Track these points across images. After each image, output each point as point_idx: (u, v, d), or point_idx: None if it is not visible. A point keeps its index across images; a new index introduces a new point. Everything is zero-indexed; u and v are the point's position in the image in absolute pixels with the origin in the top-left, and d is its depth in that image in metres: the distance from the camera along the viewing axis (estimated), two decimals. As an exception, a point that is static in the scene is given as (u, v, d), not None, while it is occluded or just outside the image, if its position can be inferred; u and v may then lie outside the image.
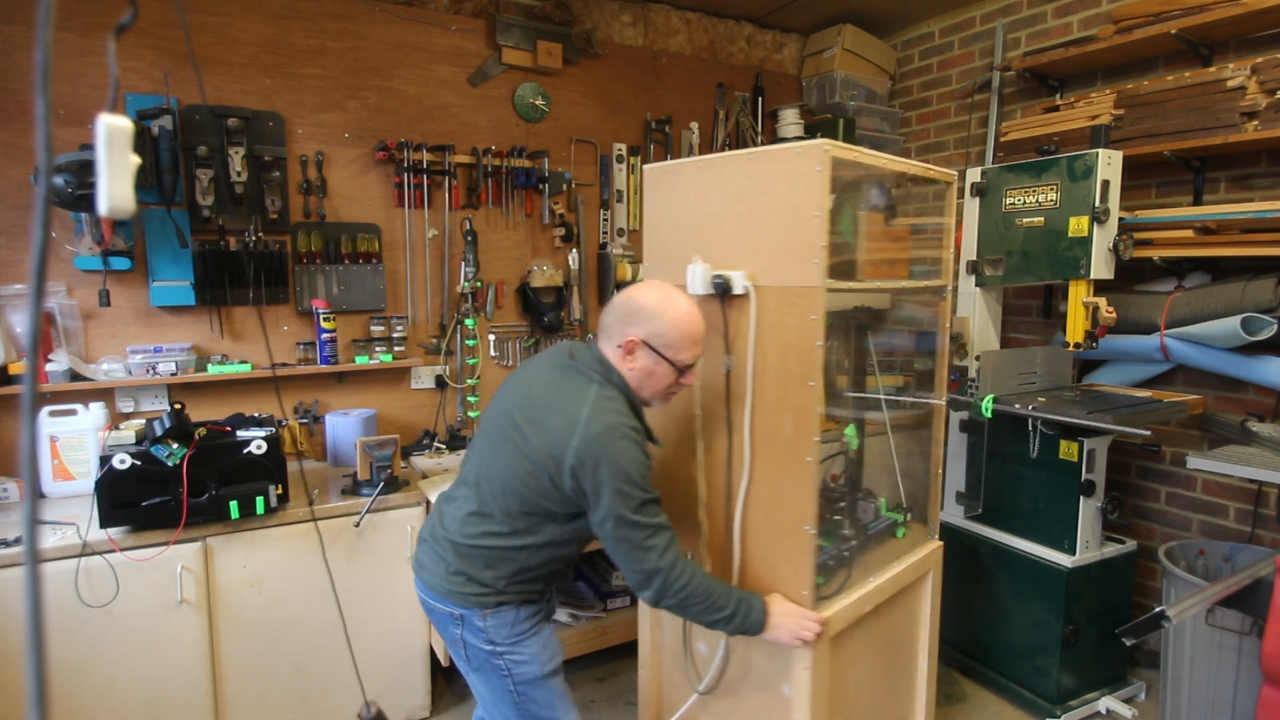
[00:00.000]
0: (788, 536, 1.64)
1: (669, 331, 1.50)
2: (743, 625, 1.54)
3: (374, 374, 2.97)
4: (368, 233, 2.90)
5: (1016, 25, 3.30)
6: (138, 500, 2.02)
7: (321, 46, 2.79)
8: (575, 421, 1.43)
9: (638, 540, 1.43)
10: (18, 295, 2.36)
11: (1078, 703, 2.55)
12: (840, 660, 1.73)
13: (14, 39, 2.34)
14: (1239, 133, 2.36)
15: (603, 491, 1.41)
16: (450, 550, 1.56)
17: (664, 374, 1.53)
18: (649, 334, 1.50)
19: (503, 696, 1.60)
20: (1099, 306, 2.35)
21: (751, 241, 1.65)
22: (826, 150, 1.49)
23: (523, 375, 1.63)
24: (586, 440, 1.41)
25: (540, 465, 1.45)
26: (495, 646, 1.56)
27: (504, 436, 1.53)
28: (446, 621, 1.60)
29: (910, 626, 2.04)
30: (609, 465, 1.40)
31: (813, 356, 1.55)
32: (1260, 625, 1.84)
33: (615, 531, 1.43)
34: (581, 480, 1.42)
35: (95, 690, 2.02)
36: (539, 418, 1.48)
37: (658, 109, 3.52)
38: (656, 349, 1.50)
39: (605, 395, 1.48)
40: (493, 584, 1.53)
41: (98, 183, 0.65)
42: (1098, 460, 2.47)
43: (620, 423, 1.45)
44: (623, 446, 1.42)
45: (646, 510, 1.44)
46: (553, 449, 1.44)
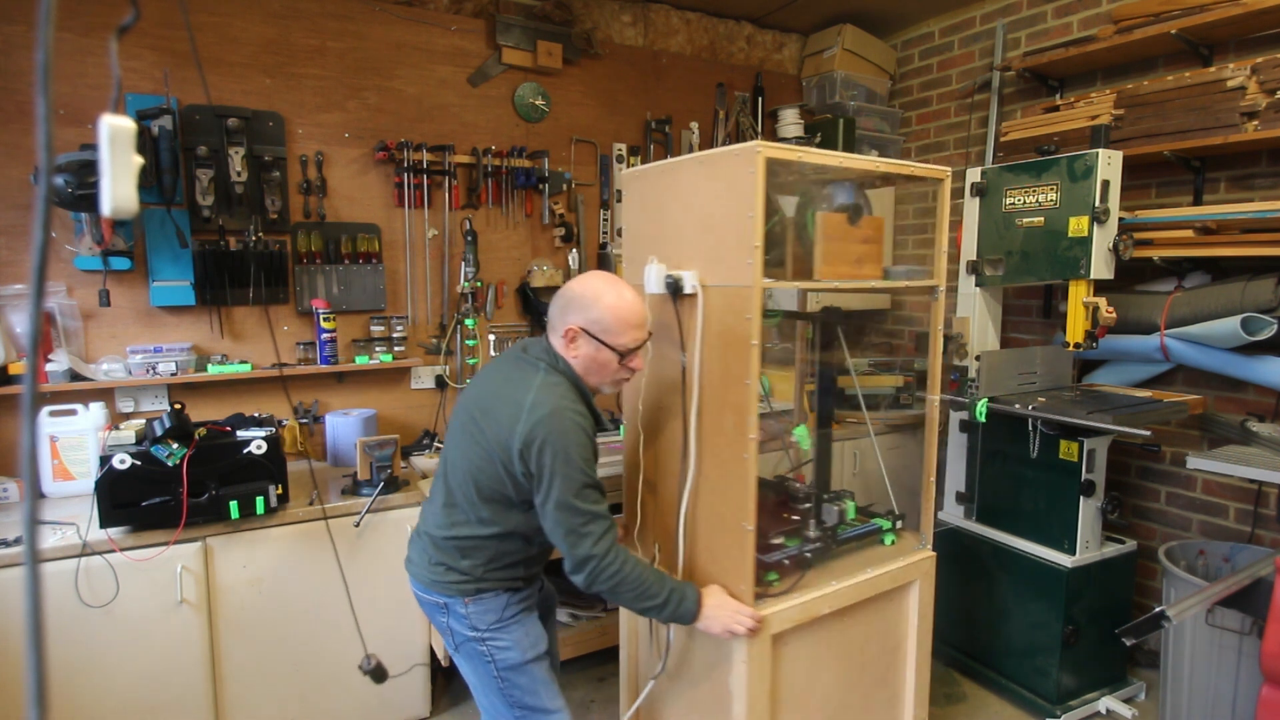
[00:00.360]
0: (728, 532, 1.70)
1: (605, 317, 1.55)
2: (675, 614, 1.59)
3: (374, 374, 2.97)
4: (368, 233, 2.90)
5: (1016, 25, 3.30)
6: (138, 500, 2.02)
7: (321, 46, 2.79)
8: (521, 407, 1.49)
9: (575, 525, 1.48)
10: (18, 295, 2.36)
11: (1078, 703, 2.55)
12: (786, 659, 1.77)
13: (14, 39, 2.34)
14: (1239, 133, 2.36)
15: (545, 474, 1.46)
16: (430, 543, 1.65)
17: (607, 360, 1.57)
18: (586, 321, 1.56)
19: (488, 682, 1.66)
20: (1099, 306, 2.35)
21: (701, 243, 1.72)
22: (759, 151, 1.53)
23: (483, 372, 1.71)
24: (531, 424, 1.46)
25: (493, 453, 1.52)
26: (478, 632, 1.62)
27: (464, 430, 1.60)
28: (434, 611, 1.67)
29: (892, 637, 2.01)
30: (552, 448, 1.45)
31: (749, 355, 1.59)
32: (1260, 625, 1.84)
33: (555, 514, 1.48)
34: (528, 463, 1.47)
35: (95, 690, 2.02)
36: (490, 408, 1.55)
37: (658, 109, 3.52)
38: (595, 335, 1.56)
39: (550, 381, 1.54)
40: (470, 572, 1.60)
41: (101, 183, 0.65)
42: (1098, 460, 2.47)
43: (564, 406, 1.50)
44: (566, 429, 1.46)
45: (586, 495, 1.48)
46: (501, 436, 1.50)
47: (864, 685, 1.96)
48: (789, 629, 1.73)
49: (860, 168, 1.82)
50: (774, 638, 1.70)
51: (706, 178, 1.69)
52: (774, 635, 1.70)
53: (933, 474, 2.01)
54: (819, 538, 1.91)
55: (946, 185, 1.93)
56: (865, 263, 1.86)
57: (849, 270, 1.84)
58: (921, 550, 2.02)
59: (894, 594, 1.97)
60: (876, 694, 2.00)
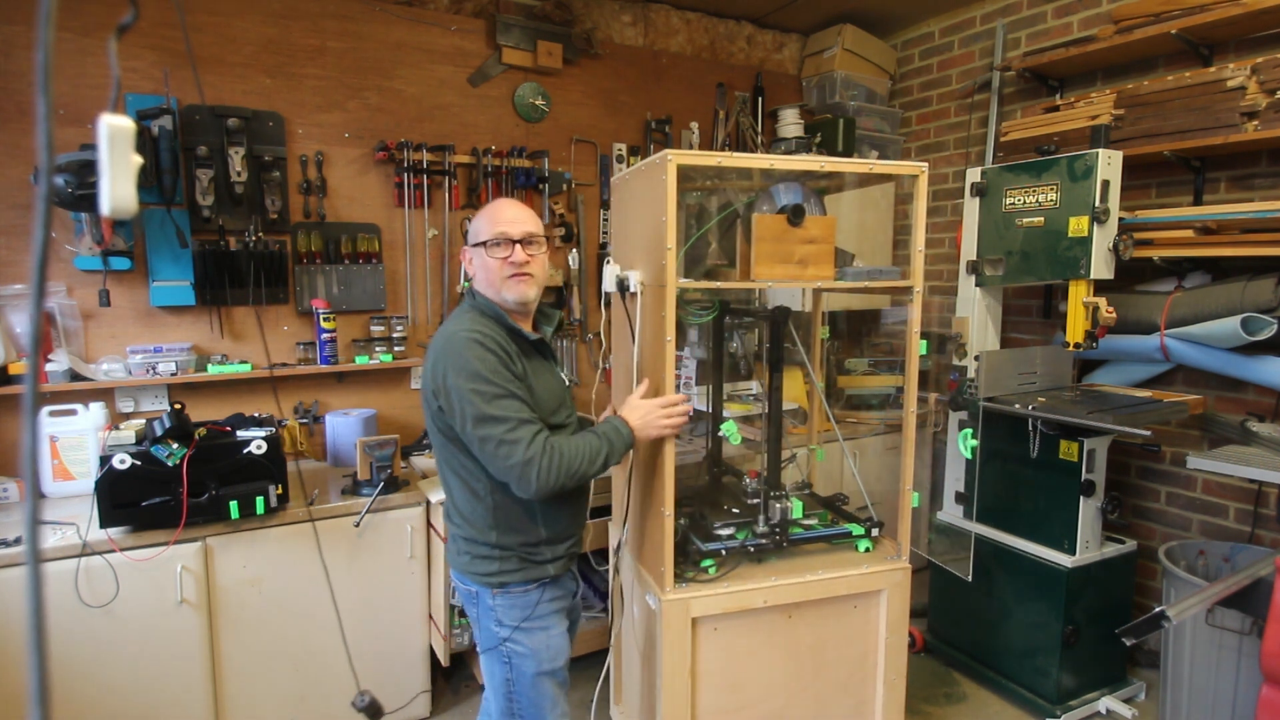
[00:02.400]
0: (654, 516, 1.82)
1: (477, 224, 1.63)
2: (622, 449, 1.63)
3: (374, 374, 2.97)
4: (368, 233, 2.90)
5: (1016, 25, 3.30)
6: (138, 500, 2.02)
7: (321, 46, 2.79)
8: (432, 346, 1.56)
9: (500, 435, 1.45)
10: (18, 295, 2.36)
11: (1078, 703, 2.55)
12: (714, 645, 1.86)
13: (14, 39, 2.34)
14: (1239, 133, 2.36)
15: (454, 396, 1.46)
16: (452, 527, 1.67)
17: (493, 260, 1.58)
18: (470, 239, 1.64)
19: (498, 685, 1.65)
20: (1099, 306, 2.34)
21: (643, 245, 1.88)
22: (670, 159, 1.68)
23: None
24: (434, 358, 1.51)
25: (428, 402, 1.56)
26: (501, 629, 1.61)
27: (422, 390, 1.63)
28: (468, 600, 1.69)
29: (857, 645, 1.99)
30: (454, 368, 1.47)
31: (664, 350, 1.72)
32: (1260, 625, 1.84)
33: (477, 431, 1.46)
34: (439, 395, 1.50)
35: (95, 690, 2.02)
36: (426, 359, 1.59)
37: (658, 109, 3.52)
38: (473, 245, 1.63)
39: (458, 316, 1.59)
40: (485, 540, 1.60)
41: (100, 183, 0.65)
42: (1098, 460, 2.47)
43: (460, 330, 1.51)
44: (461, 348, 1.48)
45: (502, 404, 1.46)
46: (426, 383, 1.55)
47: (819, 688, 1.97)
48: (715, 615, 1.82)
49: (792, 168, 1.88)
50: (694, 620, 1.80)
51: (644, 185, 1.85)
52: (694, 619, 1.80)
53: (909, 484, 1.98)
54: (766, 533, 1.93)
55: (922, 181, 1.90)
56: (811, 263, 1.88)
57: (790, 271, 1.87)
58: (893, 561, 1.98)
59: (857, 601, 1.95)
60: (837, 699, 1.99)
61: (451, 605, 2.47)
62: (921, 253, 1.92)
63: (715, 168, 1.86)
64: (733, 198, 2.04)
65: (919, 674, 2.81)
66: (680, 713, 1.82)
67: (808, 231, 1.86)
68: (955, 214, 3.62)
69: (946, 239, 3.68)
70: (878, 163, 1.90)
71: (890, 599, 1.98)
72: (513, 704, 1.64)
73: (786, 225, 1.84)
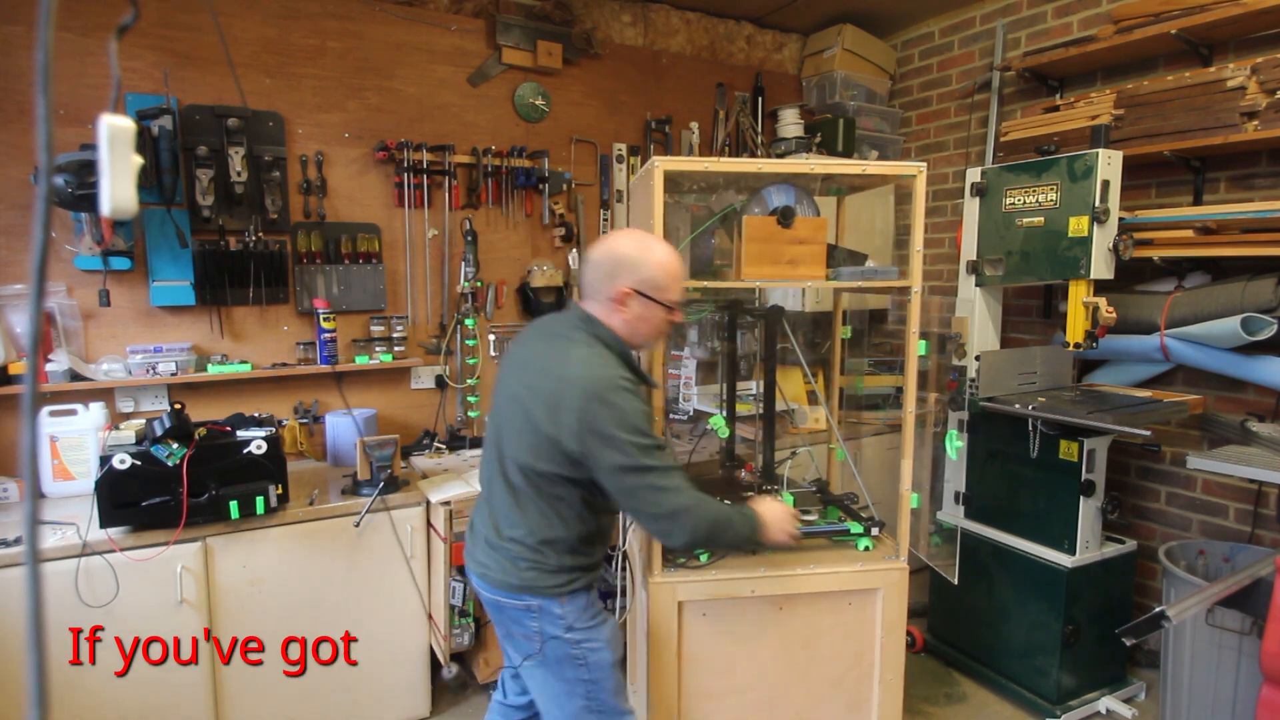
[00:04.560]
0: None
1: (656, 274, 1.55)
2: (751, 537, 1.64)
3: (374, 374, 2.97)
4: (368, 233, 2.90)
5: (1016, 25, 3.30)
6: (138, 500, 2.02)
7: (321, 46, 2.79)
8: (568, 383, 1.47)
9: (653, 483, 1.46)
10: (18, 295, 2.36)
11: (1078, 703, 2.55)
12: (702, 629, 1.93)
13: (14, 39, 2.34)
14: (1239, 133, 2.36)
15: (608, 445, 1.44)
16: (514, 545, 1.58)
17: (656, 316, 1.58)
18: (638, 281, 1.54)
19: (573, 687, 1.61)
20: (1099, 306, 2.34)
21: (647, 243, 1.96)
22: (657, 166, 1.76)
23: (514, 357, 1.68)
24: (583, 400, 1.44)
25: (546, 435, 1.48)
26: (573, 633, 1.58)
27: (511, 420, 1.57)
28: (522, 616, 1.60)
29: (852, 642, 2.01)
30: (609, 419, 1.43)
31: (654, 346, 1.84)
32: (1260, 625, 1.85)
33: (628, 481, 1.46)
34: (585, 440, 1.44)
35: (95, 690, 2.02)
36: (536, 389, 1.52)
37: (658, 109, 3.52)
38: (647, 294, 1.55)
39: (593, 353, 1.52)
40: (560, 563, 1.57)
41: (100, 183, 0.65)
42: (1098, 460, 2.47)
43: (611, 375, 1.48)
44: (618, 398, 1.45)
45: (657, 455, 1.47)
46: (551, 415, 1.47)
47: (811, 682, 2.00)
48: (702, 600, 1.91)
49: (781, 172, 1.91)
50: (680, 604, 1.89)
51: (642, 190, 1.92)
52: (680, 602, 1.89)
53: (908, 484, 1.99)
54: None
55: (920, 181, 1.90)
56: (802, 264, 1.90)
57: (781, 271, 1.90)
58: (890, 561, 1.99)
59: (852, 598, 1.98)
60: (830, 694, 2.02)
61: (451, 605, 2.47)
62: (920, 252, 1.92)
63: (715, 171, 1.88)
64: (734, 198, 2.06)
65: (919, 674, 2.81)
66: (667, 690, 1.91)
67: (797, 232, 1.88)
68: (955, 214, 3.62)
69: (946, 239, 3.68)
70: (871, 164, 1.92)
71: (887, 598, 1.98)
72: (592, 701, 1.61)
73: (776, 226, 1.87)
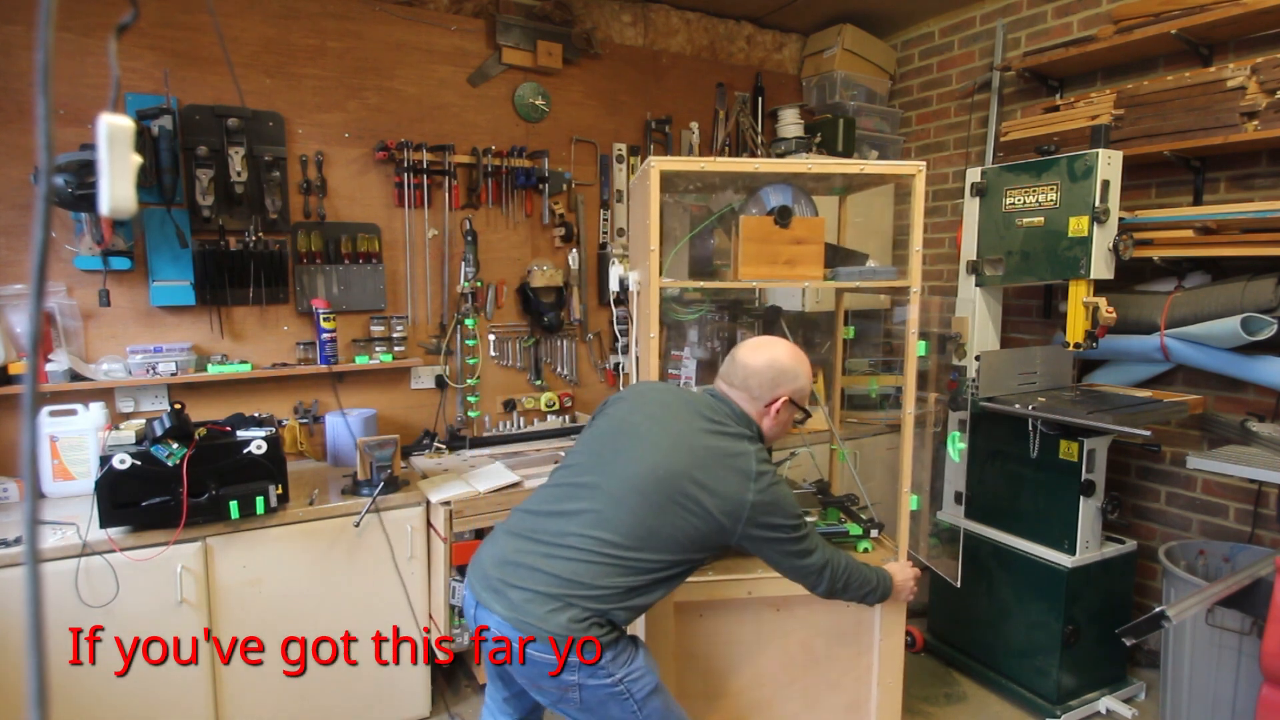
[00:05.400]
0: None
1: (806, 387, 1.75)
2: (883, 594, 1.82)
3: (374, 374, 2.97)
4: (368, 233, 2.90)
5: (1016, 25, 3.30)
6: (138, 500, 2.02)
7: (321, 46, 2.79)
8: (748, 477, 1.60)
9: (805, 549, 1.66)
10: (18, 295, 2.36)
11: (1078, 703, 2.55)
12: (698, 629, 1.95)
13: (14, 39, 2.34)
14: (1239, 133, 2.36)
15: (776, 531, 1.62)
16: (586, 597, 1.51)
17: (789, 420, 1.76)
18: (794, 391, 1.73)
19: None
20: (1099, 306, 2.35)
21: (641, 246, 1.97)
22: (653, 165, 1.80)
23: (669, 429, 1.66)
24: (759, 493, 1.59)
25: (715, 523, 1.58)
26: (614, 675, 1.53)
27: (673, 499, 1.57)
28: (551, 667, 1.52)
29: (849, 645, 2.01)
30: (779, 511, 1.61)
31: (649, 345, 1.90)
32: (1260, 625, 1.85)
33: (790, 551, 1.65)
34: (754, 528, 1.60)
35: (95, 690, 2.02)
36: (713, 480, 1.59)
37: (658, 109, 3.52)
38: (797, 403, 1.74)
39: (760, 450, 1.67)
40: (624, 623, 1.59)
41: (99, 183, 0.65)
42: (1098, 460, 2.46)
43: (777, 477, 1.65)
44: (783, 491, 1.64)
45: (804, 528, 1.67)
46: (730, 509, 1.59)
47: (808, 683, 2.01)
48: (699, 601, 1.93)
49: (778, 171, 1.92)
50: (675, 605, 1.91)
51: (640, 190, 1.95)
52: (676, 603, 1.91)
53: (907, 485, 2.01)
54: None
55: (919, 181, 1.91)
56: (799, 264, 1.91)
57: (778, 271, 1.91)
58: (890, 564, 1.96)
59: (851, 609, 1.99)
60: (828, 696, 2.02)
61: (451, 605, 2.47)
62: (919, 252, 1.91)
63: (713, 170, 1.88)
64: (733, 198, 2.06)
65: (919, 674, 2.82)
66: None
67: (795, 232, 1.89)
68: (955, 214, 3.62)
69: (946, 239, 3.68)
70: (869, 163, 1.92)
71: (883, 609, 1.99)
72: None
73: (773, 226, 1.87)
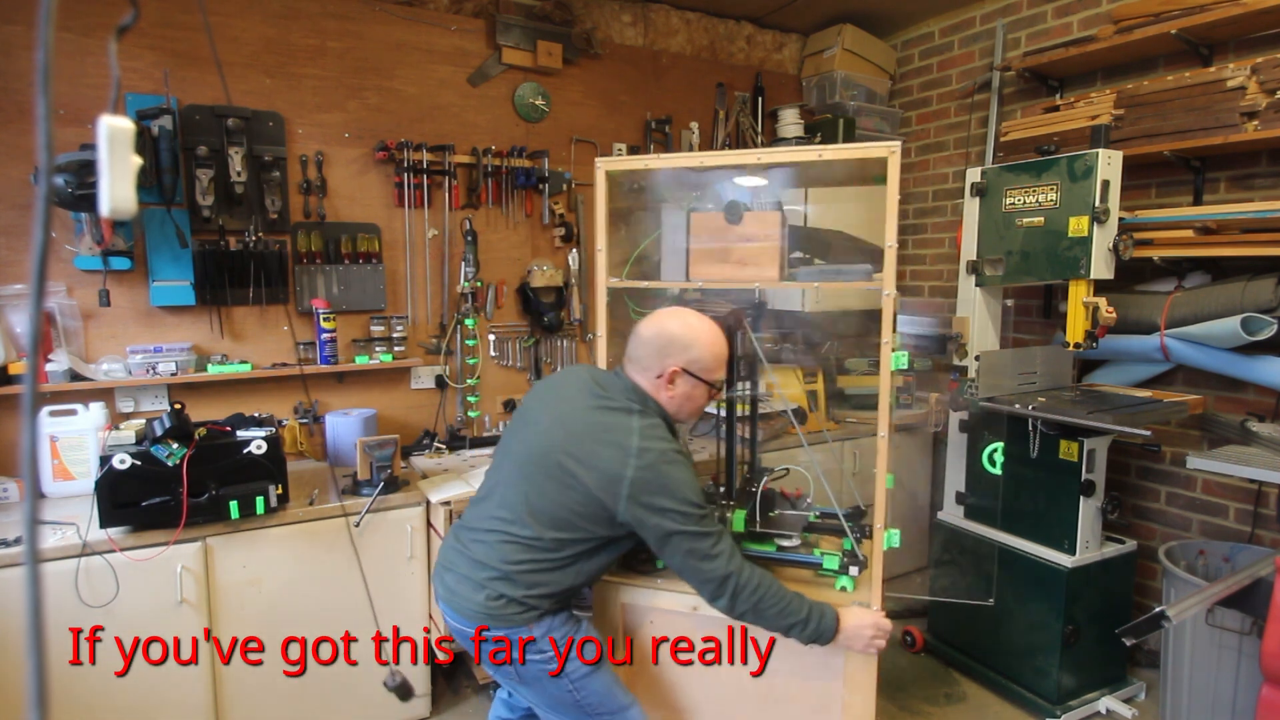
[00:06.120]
0: None
1: (704, 356, 1.61)
2: (816, 631, 1.58)
3: (374, 374, 2.97)
4: (368, 233, 2.90)
5: (1016, 25, 3.30)
6: (138, 500, 2.02)
7: (321, 46, 2.79)
8: (627, 452, 1.51)
9: (704, 550, 1.51)
10: (18, 295, 2.36)
11: (1078, 703, 2.55)
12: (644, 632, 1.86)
13: (14, 39, 2.34)
14: (1239, 133, 2.36)
15: (663, 515, 1.49)
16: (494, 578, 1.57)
17: (701, 395, 1.64)
18: (687, 361, 1.61)
19: (563, 699, 1.62)
20: (1099, 306, 2.34)
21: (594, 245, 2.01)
22: (600, 167, 1.84)
23: (553, 408, 1.67)
24: (640, 470, 1.50)
25: (594, 498, 1.52)
26: (545, 653, 1.59)
27: (550, 474, 1.57)
28: (488, 645, 1.60)
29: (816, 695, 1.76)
30: (665, 490, 1.49)
31: (597, 343, 1.93)
32: (1260, 625, 1.84)
33: (680, 545, 1.51)
34: (640, 509, 1.50)
35: (95, 690, 2.02)
36: (588, 455, 1.55)
37: (658, 109, 3.52)
38: (695, 374, 1.62)
39: (648, 424, 1.57)
40: (537, 604, 1.58)
41: (99, 183, 0.65)
42: (1098, 460, 2.46)
43: (668, 449, 1.54)
44: (674, 470, 1.51)
45: (705, 523, 1.52)
46: (607, 484, 1.51)
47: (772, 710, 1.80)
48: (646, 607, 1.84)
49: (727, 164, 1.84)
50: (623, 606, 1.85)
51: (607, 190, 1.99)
52: (623, 604, 1.85)
53: (882, 522, 1.70)
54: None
55: (893, 163, 1.64)
56: (751, 263, 1.75)
57: (728, 271, 1.77)
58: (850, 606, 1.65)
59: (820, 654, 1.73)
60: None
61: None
62: (892, 248, 1.64)
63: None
64: (733, 194, 2.00)
65: (918, 674, 2.82)
66: None
67: (747, 229, 1.74)
68: (955, 214, 3.62)
69: (946, 239, 3.68)
70: (829, 148, 1.69)
71: (850, 659, 1.69)
72: (586, 705, 1.62)
73: (724, 223, 1.75)
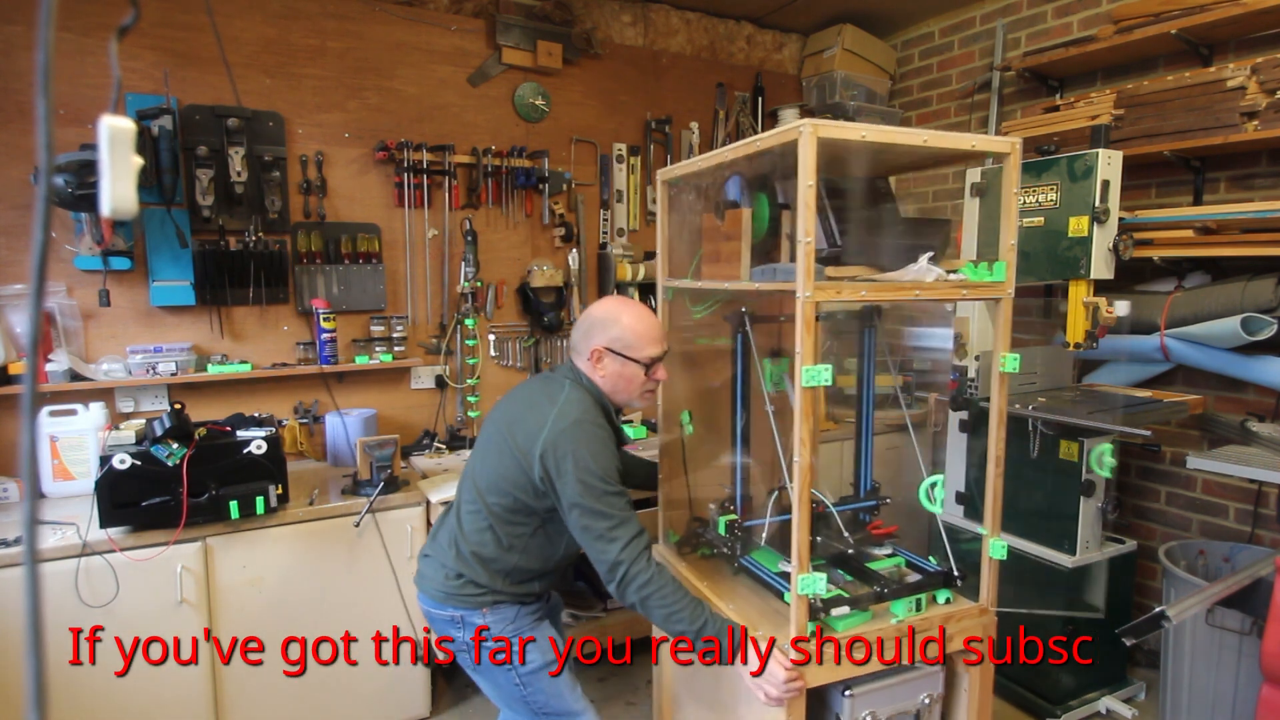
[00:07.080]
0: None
1: (625, 335, 1.64)
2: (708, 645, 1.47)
3: (374, 374, 2.97)
4: (368, 233, 2.90)
5: (1016, 25, 3.30)
6: (138, 500, 2.02)
7: (321, 46, 2.79)
8: (546, 417, 1.57)
9: (601, 530, 1.50)
10: (18, 295, 2.36)
11: (1078, 703, 2.54)
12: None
13: (14, 39, 2.34)
14: (1239, 133, 2.36)
15: (567, 480, 1.51)
16: (452, 555, 1.66)
17: (633, 374, 1.66)
18: (609, 340, 1.64)
19: (510, 692, 1.66)
20: (1099, 306, 2.34)
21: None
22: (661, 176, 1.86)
23: (513, 392, 1.79)
24: (554, 433, 1.53)
25: (518, 461, 1.57)
26: (496, 643, 1.63)
27: (494, 444, 1.66)
28: (447, 626, 1.67)
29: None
30: (573, 456, 1.51)
31: None
32: (1260, 625, 1.85)
33: (580, 520, 1.52)
34: (549, 469, 1.52)
35: (95, 691, 2.02)
36: (519, 419, 1.63)
37: (658, 109, 3.52)
38: (619, 352, 1.64)
39: (574, 395, 1.62)
40: (489, 584, 1.63)
41: (100, 183, 0.65)
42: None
43: (584, 418, 1.57)
44: (586, 439, 1.53)
45: (609, 502, 1.51)
46: (526, 444, 1.57)
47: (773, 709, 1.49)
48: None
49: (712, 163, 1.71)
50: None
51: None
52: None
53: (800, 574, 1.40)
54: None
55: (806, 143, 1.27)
56: (728, 261, 1.64)
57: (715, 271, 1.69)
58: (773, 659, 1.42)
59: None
60: None
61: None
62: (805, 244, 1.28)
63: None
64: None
65: (919, 674, 2.81)
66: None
67: (727, 227, 1.65)
68: (955, 214, 3.62)
69: (946, 239, 3.68)
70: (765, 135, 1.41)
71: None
72: (534, 704, 1.65)
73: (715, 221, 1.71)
